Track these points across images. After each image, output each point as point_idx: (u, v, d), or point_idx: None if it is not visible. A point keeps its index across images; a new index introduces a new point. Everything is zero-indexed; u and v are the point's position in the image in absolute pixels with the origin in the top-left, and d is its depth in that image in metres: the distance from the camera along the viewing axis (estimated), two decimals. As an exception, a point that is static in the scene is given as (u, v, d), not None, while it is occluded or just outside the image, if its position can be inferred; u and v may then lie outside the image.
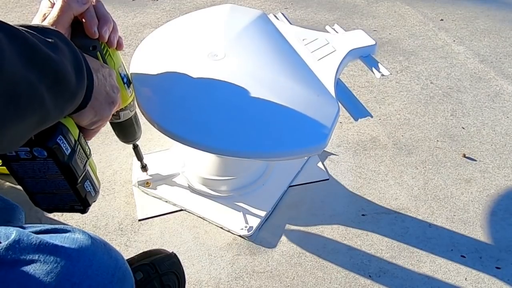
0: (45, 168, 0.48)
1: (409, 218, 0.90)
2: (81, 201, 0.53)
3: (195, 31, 0.88)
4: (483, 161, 1.05)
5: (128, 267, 0.50)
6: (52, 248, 0.42)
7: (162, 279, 0.68)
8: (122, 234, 0.85)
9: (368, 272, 0.79)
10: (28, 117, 0.38)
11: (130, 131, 0.72)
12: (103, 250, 0.46)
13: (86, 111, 0.49)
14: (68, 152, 0.48)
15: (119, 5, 1.74)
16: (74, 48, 0.46)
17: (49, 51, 0.40)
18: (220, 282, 0.78)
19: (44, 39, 0.42)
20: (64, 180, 0.50)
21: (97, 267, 0.44)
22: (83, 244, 0.44)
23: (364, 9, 1.78)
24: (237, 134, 0.67)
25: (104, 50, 0.58)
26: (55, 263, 0.41)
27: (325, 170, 1.01)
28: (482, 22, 1.70)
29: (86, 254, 0.43)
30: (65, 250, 0.42)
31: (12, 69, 0.35)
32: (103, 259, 0.45)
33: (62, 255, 0.42)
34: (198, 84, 0.75)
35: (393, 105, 1.23)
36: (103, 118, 0.53)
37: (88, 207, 0.54)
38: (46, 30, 0.44)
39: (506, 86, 1.32)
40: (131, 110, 0.68)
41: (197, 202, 0.90)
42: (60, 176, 0.49)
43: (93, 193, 0.55)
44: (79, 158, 0.50)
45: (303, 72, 0.79)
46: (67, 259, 0.42)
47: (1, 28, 0.35)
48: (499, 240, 0.86)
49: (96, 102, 0.50)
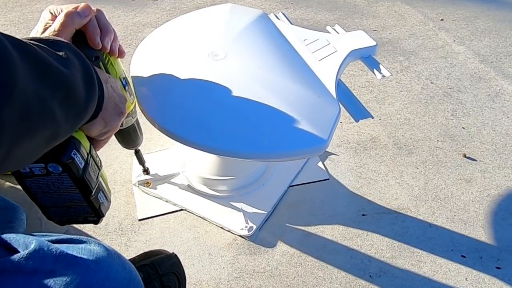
0: (59, 182, 0.48)
1: (409, 218, 0.90)
2: (94, 212, 0.53)
3: (196, 31, 0.88)
4: (483, 161, 1.05)
5: (140, 277, 0.50)
6: (71, 260, 0.42)
7: (162, 280, 0.68)
8: (122, 234, 0.85)
9: (368, 272, 0.79)
10: (40, 133, 0.38)
11: (132, 137, 0.72)
12: (118, 262, 0.46)
13: (96, 122, 0.49)
14: (82, 165, 0.48)
15: (119, 5, 1.74)
16: (85, 61, 0.45)
17: (60, 66, 0.40)
18: (220, 282, 0.77)
19: (55, 53, 0.41)
20: (79, 193, 0.50)
21: (114, 280, 0.44)
22: (100, 256, 0.44)
23: (364, 9, 1.78)
24: (238, 134, 0.67)
25: (106, 60, 0.58)
26: (74, 274, 0.41)
27: (326, 170, 1.01)
28: (482, 22, 1.70)
29: (103, 266, 0.44)
30: (84, 262, 0.42)
31: (24, 85, 0.35)
32: (118, 271, 0.45)
33: (81, 267, 0.42)
34: (198, 84, 0.75)
35: (393, 105, 1.23)
36: (112, 128, 0.53)
37: (102, 217, 0.55)
38: (56, 42, 0.44)
39: (506, 86, 1.32)
40: (133, 117, 0.68)
41: (197, 202, 0.90)
42: (74, 190, 0.49)
43: (106, 204, 0.55)
44: (92, 170, 0.51)
45: (304, 73, 0.79)
46: (85, 271, 0.42)
47: (13, 44, 0.35)
48: (500, 240, 0.86)
49: (106, 112, 0.50)
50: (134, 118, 0.69)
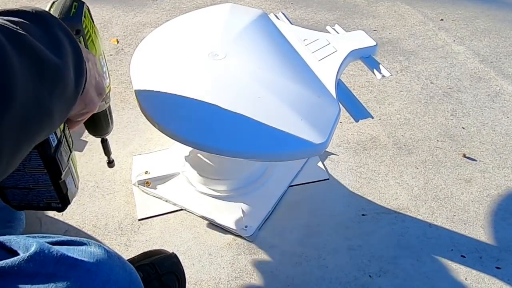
0: (26, 159, 0.43)
1: (409, 218, 0.90)
2: (60, 198, 0.48)
3: (195, 31, 0.88)
4: (483, 161, 1.05)
5: (140, 279, 0.50)
6: (72, 262, 0.41)
7: (162, 279, 0.68)
8: (122, 234, 0.85)
9: (368, 272, 0.79)
10: (38, 137, 0.37)
11: (102, 124, 0.67)
12: (119, 264, 0.46)
13: (76, 103, 0.45)
14: (54, 143, 0.44)
15: (119, 5, 1.74)
16: (75, 43, 0.43)
17: (55, 58, 0.38)
18: (220, 282, 0.77)
19: (50, 40, 0.40)
20: (47, 174, 0.45)
21: (115, 282, 0.44)
22: (101, 259, 0.44)
23: (364, 9, 1.78)
24: (237, 134, 0.67)
25: (88, 35, 0.54)
26: (75, 278, 0.41)
27: (325, 169, 1.01)
28: (482, 22, 1.70)
29: (104, 269, 0.43)
30: (85, 264, 0.42)
31: (24, 90, 0.33)
32: (119, 273, 0.45)
33: (81, 270, 0.42)
34: (198, 84, 0.75)
35: (393, 105, 1.23)
36: (91, 109, 0.50)
37: (67, 205, 0.50)
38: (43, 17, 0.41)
39: (506, 86, 1.32)
40: (106, 102, 0.64)
41: (197, 201, 0.90)
42: (42, 170, 0.45)
43: (73, 190, 0.50)
44: (64, 151, 0.46)
45: (304, 73, 0.79)
46: (86, 274, 0.42)
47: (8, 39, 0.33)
48: (499, 240, 0.86)
49: (87, 93, 0.48)
50: (107, 104, 0.65)
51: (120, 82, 1.29)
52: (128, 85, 1.28)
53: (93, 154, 1.03)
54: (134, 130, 1.11)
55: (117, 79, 1.31)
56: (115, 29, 1.57)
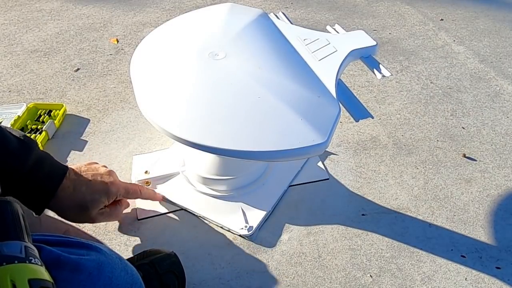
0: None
1: (409, 218, 0.90)
2: None
3: (195, 30, 0.88)
4: (483, 161, 1.05)
5: (141, 280, 0.50)
6: (73, 265, 0.41)
7: (161, 279, 0.68)
8: (122, 234, 0.85)
9: (368, 272, 0.79)
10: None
11: None
12: (120, 266, 0.46)
13: None
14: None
15: (119, 4, 1.74)
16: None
17: None
18: (220, 281, 0.77)
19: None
20: None
21: (116, 285, 0.44)
22: (102, 261, 0.44)
23: (364, 9, 1.78)
24: (237, 134, 0.67)
25: None
26: (77, 281, 0.40)
27: (325, 169, 1.00)
28: (482, 22, 1.70)
29: (106, 272, 0.43)
30: (86, 267, 0.42)
31: None
32: (120, 275, 0.45)
33: (83, 273, 0.41)
34: (198, 84, 0.75)
35: (393, 105, 1.23)
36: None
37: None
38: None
39: (506, 86, 1.32)
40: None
41: (197, 201, 0.90)
42: None
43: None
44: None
45: (304, 73, 0.79)
46: (88, 277, 0.41)
47: None
48: (499, 240, 0.86)
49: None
50: None
51: (119, 82, 1.29)
52: (128, 84, 1.28)
53: (93, 154, 1.03)
54: (134, 130, 1.10)
55: (117, 78, 1.31)
56: (115, 28, 1.57)
